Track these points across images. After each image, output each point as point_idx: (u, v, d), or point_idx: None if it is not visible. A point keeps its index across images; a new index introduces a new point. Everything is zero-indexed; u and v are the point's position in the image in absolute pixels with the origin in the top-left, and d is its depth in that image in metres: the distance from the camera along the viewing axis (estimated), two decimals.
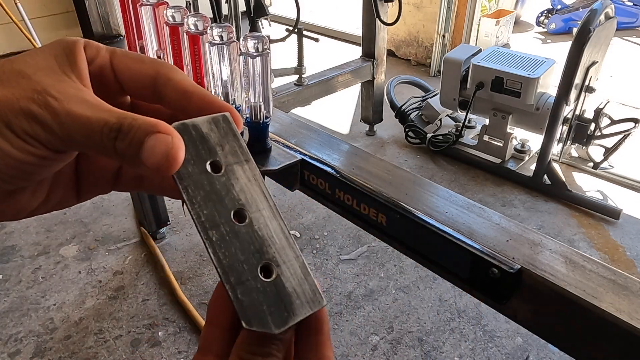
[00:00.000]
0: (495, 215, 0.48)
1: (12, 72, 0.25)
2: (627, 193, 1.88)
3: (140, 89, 0.29)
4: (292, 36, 1.69)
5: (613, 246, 1.63)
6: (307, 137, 0.66)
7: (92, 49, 0.28)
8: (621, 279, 0.39)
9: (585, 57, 1.65)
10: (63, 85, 0.25)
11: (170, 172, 0.24)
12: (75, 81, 0.26)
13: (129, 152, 0.24)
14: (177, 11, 0.65)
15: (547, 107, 1.81)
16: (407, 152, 2.19)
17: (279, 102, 1.76)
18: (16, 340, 1.30)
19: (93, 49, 0.28)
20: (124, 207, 1.79)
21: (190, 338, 1.30)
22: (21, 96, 0.24)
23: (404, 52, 3.22)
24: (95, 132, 0.24)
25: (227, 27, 0.57)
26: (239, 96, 0.62)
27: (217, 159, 0.26)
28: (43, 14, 3.44)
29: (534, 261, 0.41)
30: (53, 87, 0.25)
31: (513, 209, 1.80)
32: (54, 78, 0.25)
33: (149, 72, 0.28)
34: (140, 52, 0.76)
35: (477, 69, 1.90)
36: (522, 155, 2.01)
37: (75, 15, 1.23)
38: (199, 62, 0.64)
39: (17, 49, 3.39)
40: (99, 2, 1.17)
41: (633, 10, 3.81)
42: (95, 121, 0.24)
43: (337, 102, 2.61)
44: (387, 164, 0.58)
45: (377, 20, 1.95)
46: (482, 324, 1.35)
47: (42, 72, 0.25)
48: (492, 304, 0.43)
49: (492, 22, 3.15)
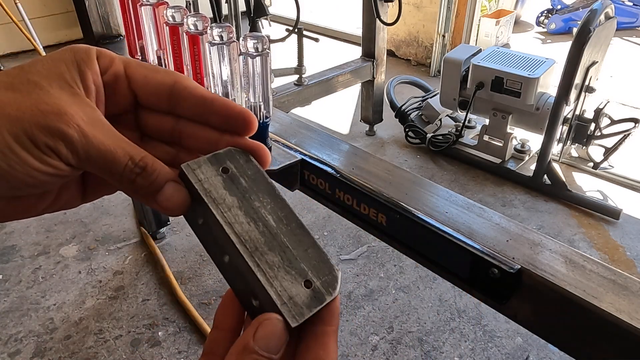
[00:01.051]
0: (495, 215, 0.48)
1: (27, 83, 0.25)
2: (627, 193, 1.88)
3: (155, 98, 0.30)
4: (292, 36, 1.69)
5: (613, 246, 1.63)
6: (307, 137, 0.66)
7: (105, 59, 0.29)
8: (621, 279, 0.39)
9: (585, 57, 1.65)
10: (82, 106, 0.26)
11: (176, 215, 0.28)
12: (85, 97, 0.27)
13: (147, 190, 0.27)
14: (177, 11, 0.65)
15: (547, 107, 1.81)
16: (407, 152, 2.19)
17: (279, 102, 1.76)
18: (16, 340, 1.30)
19: (107, 59, 0.29)
20: (124, 207, 1.79)
21: (190, 338, 1.30)
22: (44, 110, 0.24)
23: (404, 52, 3.22)
24: (119, 163, 0.26)
25: (227, 27, 0.57)
26: (239, 96, 0.62)
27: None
28: (43, 14, 3.43)
29: (534, 261, 0.41)
30: (71, 106, 0.25)
31: (513, 209, 1.81)
32: (69, 92, 0.26)
33: (165, 81, 0.29)
34: (140, 52, 0.76)
35: (477, 69, 1.90)
36: (522, 155, 2.01)
37: (75, 15, 1.23)
38: (198, 62, 0.64)
39: (17, 49, 3.39)
40: (99, 2, 1.17)
41: (633, 10, 3.80)
42: (122, 154, 0.26)
43: (337, 102, 2.61)
44: (387, 164, 0.58)
45: (377, 20, 1.95)
46: (482, 324, 1.35)
47: (56, 85, 0.26)
48: (492, 304, 0.43)
49: (492, 22, 3.15)
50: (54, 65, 0.26)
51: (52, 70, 0.26)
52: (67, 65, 0.27)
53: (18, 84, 0.25)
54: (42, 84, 0.25)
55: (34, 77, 0.25)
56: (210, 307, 1.40)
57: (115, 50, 1.21)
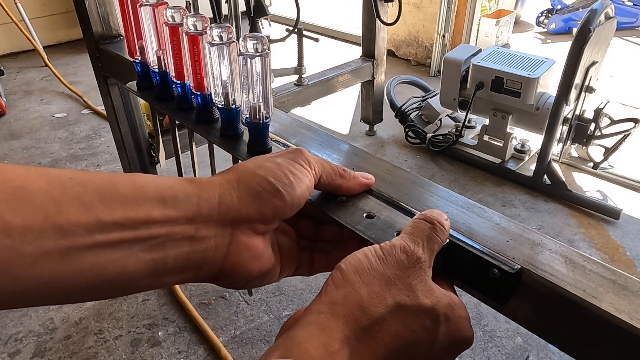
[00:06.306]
0: (495, 215, 0.48)
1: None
2: (627, 193, 1.88)
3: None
4: (292, 36, 1.69)
5: (613, 246, 1.63)
6: (307, 137, 0.66)
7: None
8: (621, 279, 0.39)
9: (585, 57, 1.65)
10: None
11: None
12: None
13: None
14: (177, 11, 0.65)
15: (547, 107, 1.81)
16: (407, 152, 2.19)
17: (279, 102, 1.76)
18: (16, 340, 1.30)
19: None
20: None
21: (190, 338, 1.30)
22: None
23: (404, 52, 3.22)
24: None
25: (227, 28, 0.57)
26: (239, 96, 0.62)
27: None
28: (43, 14, 3.44)
29: (534, 261, 0.41)
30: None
31: (513, 209, 1.80)
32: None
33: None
34: (139, 52, 0.76)
35: (477, 69, 1.90)
36: (522, 155, 2.01)
37: (75, 15, 1.23)
38: (198, 62, 0.64)
39: (17, 49, 3.39)
40: (99, 2, 1.17)
41: (633, 10, 3.80)
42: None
43: (337, 102, 2.61)
44: (387, 164, 0.58)
45: (377, 20, 1.95)
46: (482, 324, 1.35)
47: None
48: (492, 304, 0.43)
49: (492, 22, 3.15)
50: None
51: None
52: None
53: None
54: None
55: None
56: (210, 307, 1.40)
57: (115, 50, 1.21)
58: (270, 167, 0.38)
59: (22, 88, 2.87)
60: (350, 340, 0.29)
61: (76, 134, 2.35)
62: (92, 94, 2.69)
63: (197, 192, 0.35)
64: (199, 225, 0.34)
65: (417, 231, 0.37)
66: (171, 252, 0.33)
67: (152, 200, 0.33)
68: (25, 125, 2.44)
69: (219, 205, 0.35)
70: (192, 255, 0.34)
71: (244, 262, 0.37)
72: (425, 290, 0.33)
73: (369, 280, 0.32)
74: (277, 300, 1.43)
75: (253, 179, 0.37)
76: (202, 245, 0.35)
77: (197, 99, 0.68)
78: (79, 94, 2.72)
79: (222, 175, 0.38)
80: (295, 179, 0.38)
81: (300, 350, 0.28)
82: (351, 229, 0.43)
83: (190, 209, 0.34)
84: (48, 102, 2.69)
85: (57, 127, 2.42)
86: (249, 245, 0.37)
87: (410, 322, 0.31)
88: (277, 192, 0.37)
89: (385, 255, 0.34)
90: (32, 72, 3.09)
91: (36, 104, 2.67)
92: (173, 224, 0.33)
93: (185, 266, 0.35)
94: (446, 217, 0.40)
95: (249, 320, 1.36)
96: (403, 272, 0.33)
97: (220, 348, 1.25)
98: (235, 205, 0.36)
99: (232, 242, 0.36)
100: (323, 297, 0.32)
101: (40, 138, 2.32)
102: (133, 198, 0.32)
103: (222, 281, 0.38)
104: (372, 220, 0.44)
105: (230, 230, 0.36)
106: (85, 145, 2.26)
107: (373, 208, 0.46)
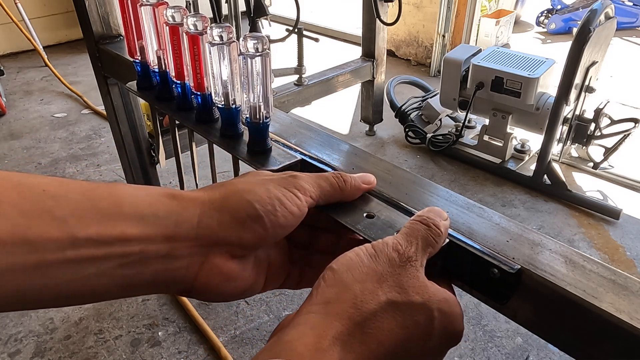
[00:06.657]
0: (495, 215, 0.48)
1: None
2: (627, 193, 1.88)
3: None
4: (292, 36, 1.69)
5: (613, 246, 1.63)
6: (307, 137, 0.66)
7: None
8: (621, 279, 0.39)
9: (585, 57, 1.65)
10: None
11: None
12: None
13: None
14: (177, 11, 0.65)
15: (547, 107, 1.81)
16: (407, 152, 2.19)
17: (279, 102, 1.76)
18: (16, 340, 1.30)
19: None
20: None
21: (190, 338, 1.30)
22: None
23: (404, 52, 3.22)
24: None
25: (227, 27, 0.57)
26: (239, 96, 0.62)
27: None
28: (43, 14, 3.44)
29: (534, 261, 0.41)
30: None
31: (513, 209, 1.80)
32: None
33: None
34: (139, 52, 0.76)
35: (477, 69, 1.90)
36: (522, 155, 2.01)
37: (75, 15, 1.23)
38: (198, 62, 0.64)
39: (17, 49, 3.39)
40: (99, 2, 1.17)
41: (633, 10, 3.80)
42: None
43: (337, 102, 2.61)
44: (387, 164, 0.58)
45: (377, 20, 1.95)
46: (482, 324, 1.35)
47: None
48: (492, 304, 0.43)
49: (492, 22, 3.15)
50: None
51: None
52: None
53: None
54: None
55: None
56: (210, 307, 1.40)
57: (115, 50, 1.20)
58: (259, 193, 0.37)
59: (22, 88, 2.87)
60: (343, 337, 0.29)
61: (76, 134, 2.35)
62: (92, 94, 2.69)
63: (177, 210, 0.35)
64: (174, 244, 0.34)
65: (412, 232, 0.37)
66: (143, 269, 0.33)
67: (129, 217, 0.32)
68: (25, 125, 2.44)
69: (198, 225, 0.35)
70: (164, 273, 0.34)
71: (215, 284, 0.36)
72: (416, 287, 0.33)
73: (361, 277, 0.32)
74: (277, 300, 1.43)
75: (239, 203, 0.36)
76: (175, 264, 0.35)
77: (197, 98, 0.68)
78: (79, 94, 2.72)
79: (209, 191, 0.38)
80: (282, 207, 0.37)
81: (290, 349, 0.28)
82: (351, 228, 0.43)
83: (169, 227, 0.34)
84: (48, 102, 2.69)
85: (57, 127, 2.42)
86: (222, 269, 0.36)
87: (402, 318, 0.32)
88: (259, 219, 0.36)
89: (377, 253, 0.34)
90: (32, 72, 3.10)
91: (36, 104, 2.67)
92: (148, 242, 0.33)
93: (156, 282, 0.35)
94: (446, 215, 0.40)
95: (249, 320, 1.36)
96: (394, 269, 0.33)
97: (220, 348, 1.25)
98: (215, 227, 0.35)
99: (205, 263, 0.36)
100: (314, 297, 0.32)
101: (40, 138, 2.32)
102: (109, 214, 0.32)
103: (196, 297, 0.38)
104: (372, 220, 0.44)
105: (206, 250, 0.36)
106: (85, 145, 2.26)
107: (373, 208, 0.46)
